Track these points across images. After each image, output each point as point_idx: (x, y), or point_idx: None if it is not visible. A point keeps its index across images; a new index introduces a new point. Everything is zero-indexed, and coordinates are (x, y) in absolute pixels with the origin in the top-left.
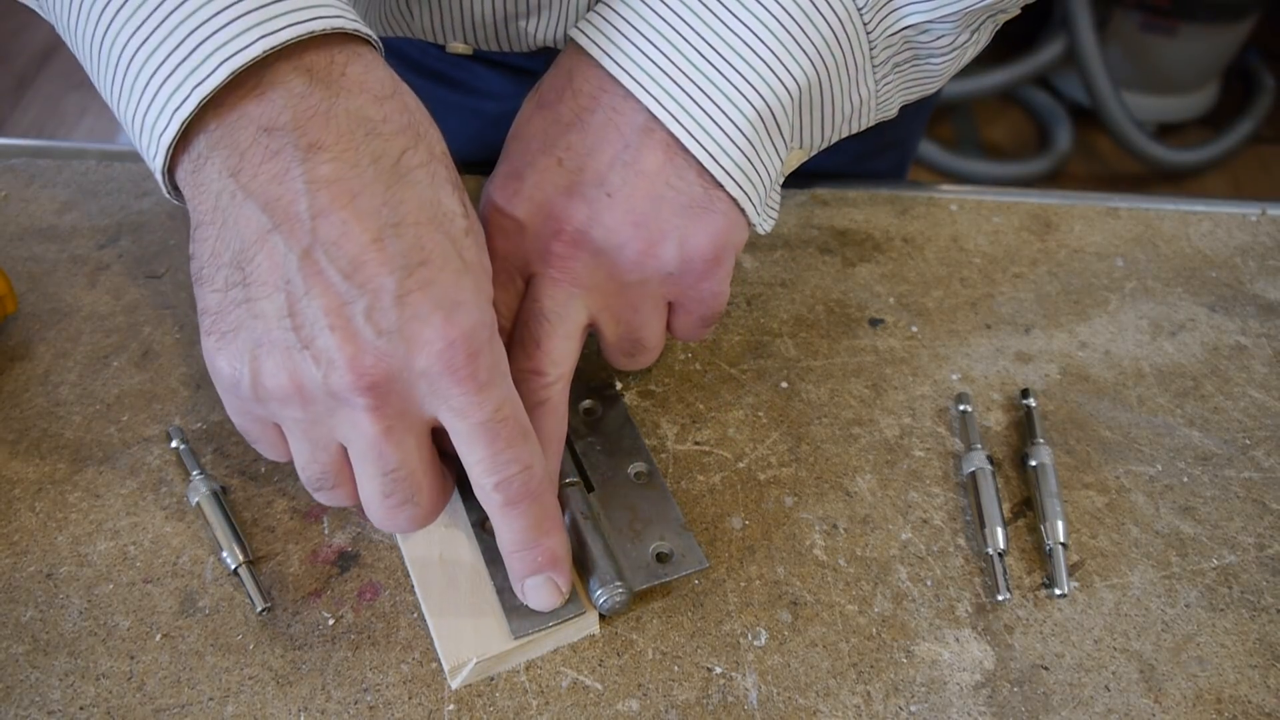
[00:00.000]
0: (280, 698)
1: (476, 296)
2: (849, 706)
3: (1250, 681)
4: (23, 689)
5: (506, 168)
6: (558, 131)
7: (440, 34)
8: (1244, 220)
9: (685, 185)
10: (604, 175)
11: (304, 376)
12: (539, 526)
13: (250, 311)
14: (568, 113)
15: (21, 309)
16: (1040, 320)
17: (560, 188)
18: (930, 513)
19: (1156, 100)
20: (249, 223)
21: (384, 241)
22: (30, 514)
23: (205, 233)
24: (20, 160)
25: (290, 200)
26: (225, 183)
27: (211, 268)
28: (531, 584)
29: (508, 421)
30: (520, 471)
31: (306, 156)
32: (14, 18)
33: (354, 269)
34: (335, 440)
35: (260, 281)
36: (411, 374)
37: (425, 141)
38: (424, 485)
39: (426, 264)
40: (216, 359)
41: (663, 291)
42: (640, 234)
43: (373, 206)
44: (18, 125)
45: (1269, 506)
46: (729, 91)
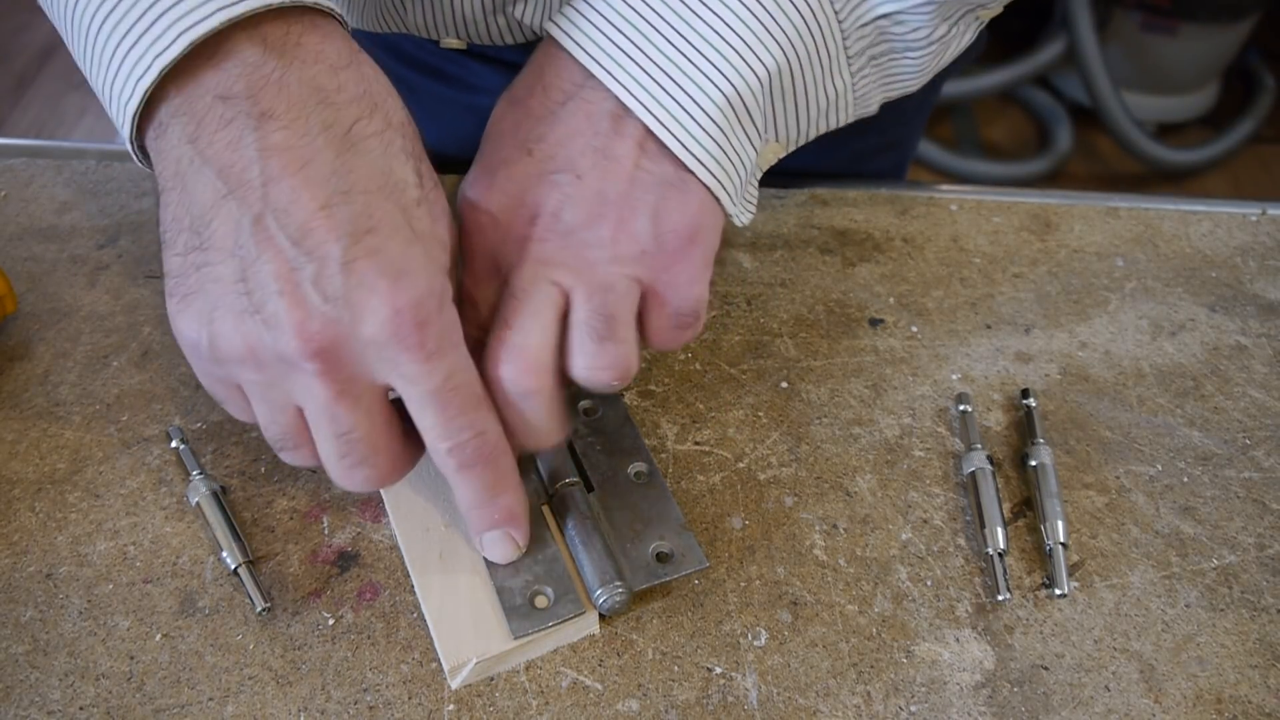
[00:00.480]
0: (280, 698)
1: (426, 265)
2: (849, 706)
3: (1250, 682)
4: (22, 689)
5: (480, 165)
6: (529, 125)
7: (433, 29)
8: (1244, 220)
9: (658, 168)
10: (575, 161)
11: (256, 340)
12: (493, 488)
13: (208, 275)
14: (538, 106)
15: (21, 309)
16: (1040, 320)
17: (531, 177)
18: (930, 513)
19: (1157, 100)
20: (206, 188)
21: (332, 209)
22: (30, 514)
23: (168, 198)
24: (20, 160)
25: (243, 167)
26: (184, 149)
27: (173, 232)
28: (489, 538)
29: (459, 389)
30: (473, 437)
31: (259, 124)
32: (14, 18)
33: (302, 235)
34: (292, 402)
35: (216, 246)
36: (359, 341)
37: (381, 111)
38: (380, 447)
39: (374, 231)
40: (178, 321)
41: (637, 272)
42: (612, 211)
43: (322, 174)
44: (17, 125)
45: (1269, 506)
46: (697, 79)
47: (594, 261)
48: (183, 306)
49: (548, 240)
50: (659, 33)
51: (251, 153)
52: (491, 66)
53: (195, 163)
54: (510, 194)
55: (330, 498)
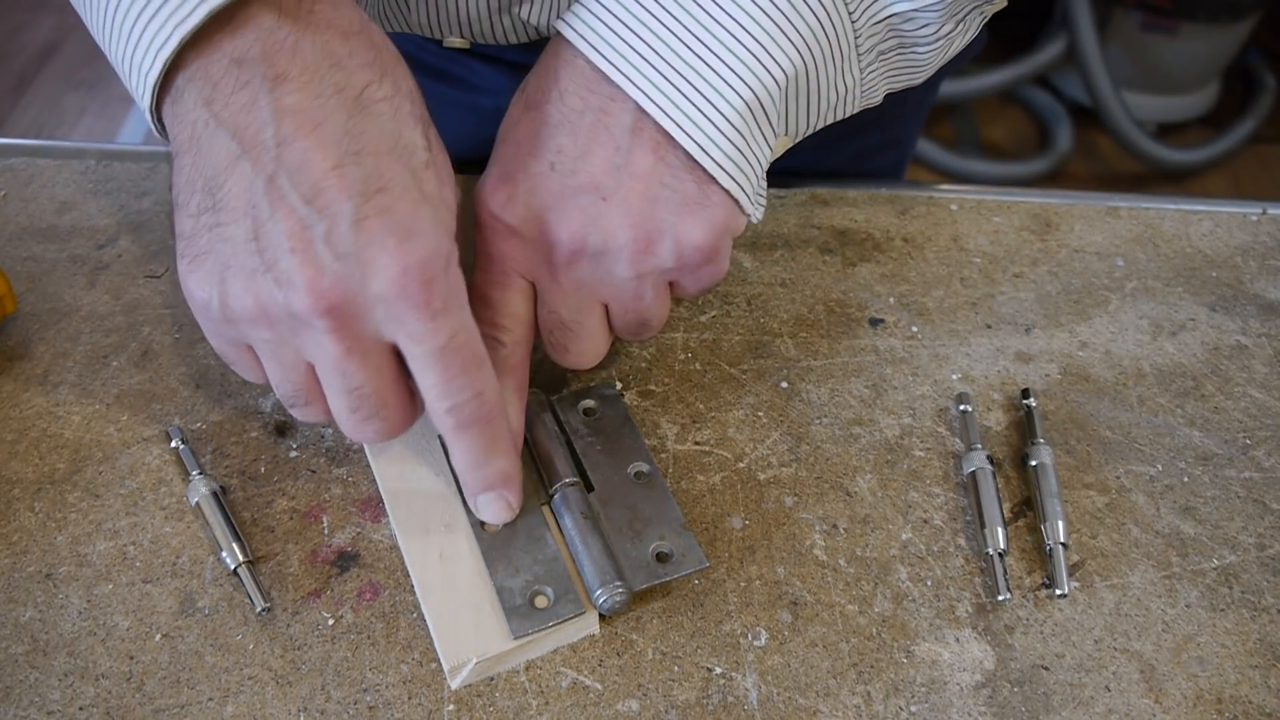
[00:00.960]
0: (280, 698)
1: (434, 226)
2: (849, 707)
3: (1251, 682)
4: (22, 689)
5: (498, 170)
6: (547, 134)
7: (437, 28)
8: (1244, 220)
9: (679, 183)
10: (598, 180)
11: (267, 298)
12: (489, 449)
13: (219, 236)
14: (556, 114)
15: (21, 309)
16: (1040, 320)
17: (554, 194)
18: (930, 513)
19: (1157, 100)
20: (220, 150)
21: (344, 168)
22: (30, 514)
23: (182, 161)
24: (20, 160)
25: (257, 129)
26: (200, 112)
27: (186, 194)
28: (483, 499)
29: (462, 349)
30: (472, 397)
31: (273, 87)
32: (14, 17)
33: (315, 194)
34: (303, 360)
35: (229, 207)
36: (367, 298)
37: (391, 76)
38: (389, 401)
39: (384, 191)
40: (189, 281)
41: (663, 277)
42: (637, 234)
43: (334, 135)
44: (17, 125)
45: (1269, 506)
46: (716, 83)
47: (624, 280)
48: (193, 267)
49: (579, 265)
50: (677, 36)
51: (266, 114)
52: (494, 66)
53: (210, 125)
54: (533, 209)
55: (330, 498)
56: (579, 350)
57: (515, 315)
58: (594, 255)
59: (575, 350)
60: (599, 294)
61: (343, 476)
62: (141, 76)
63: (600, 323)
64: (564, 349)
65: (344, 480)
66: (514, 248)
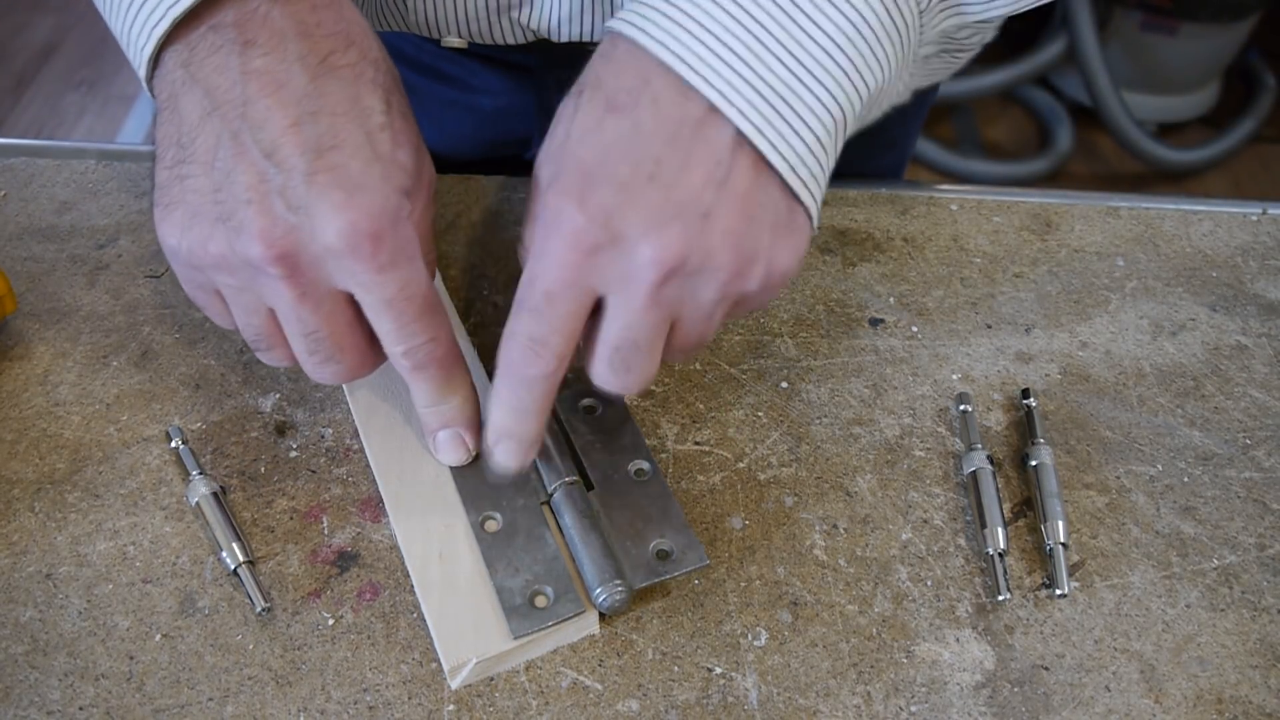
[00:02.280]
0: (280, 698)
1: (383, 184)
2: (849, 707)
3: (1251, 682)
4: (22, 689)
5: (583, 176)
6: (642, 142)
7: (435, 28)
8: (1245, 220)
9: (772, 203)
10: (700, 195)
11: (226, 246)
12: (444, 388)
13: (189, 186)
14: (650, 121)
15: (21, 309)
16: (1041, 320)
17: (654, 207)
18: (930, 513)
19: (1157, 100)
20: (194, 106)
21: (301, 126)
22: (30, 514)
23: (162, 118)
24: (20, 160)
25: (227, 87)
26: (178, 72)
27: (163, 147)
28: (441, 437)
29: (413, 300)
30: (426, 341)
31: (243, 51)
32: (14, 17)
33: (273, 149)
34: (264, 305)
35: (198, 159)
36: (318, 249)
37: (357, 46)
38: (345, 345)
39: (337, 149)
40: (161, 228)
41: (737, 300)
42: (735, 257)
43: (294, 96)
44: (17, 124)
45: (1270, 506)
46: (811, 103)
47: (705, 302)
48: (165, 214)
49: (669, 284)
50: (770, 50)
51: (235, 75)
52: (492, 68)
53: (187, 83)
54: (629, 221)
55: (330, 498)
56: (643, 371)
57: (571, 332)
58: (688, 276)
59: (639, 371)
60: (675, 313)
61: (343, 476)
62: (138, 51)
63: (664, 342)
64: (627, 370)
65: (344, 480)
66: (597, 261)
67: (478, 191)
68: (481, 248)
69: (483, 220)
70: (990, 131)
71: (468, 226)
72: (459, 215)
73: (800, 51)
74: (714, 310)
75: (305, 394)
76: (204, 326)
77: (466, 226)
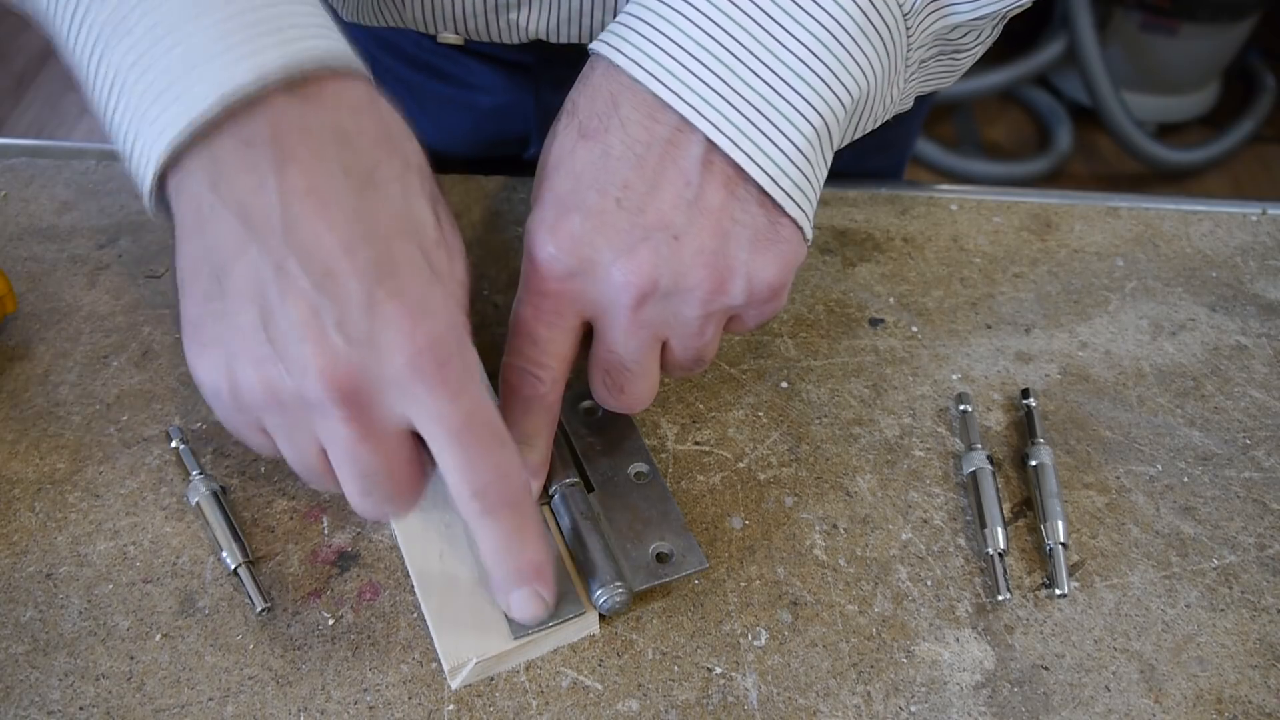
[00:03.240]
0: (280, 698)
1: (446, 304)
2: (849, 707)
3: (1251, 682)
4: (22, 689)
5: (555, 205)
6: (610, 166)
7: (431, 24)
8: (1244, 220)
9: (750, 218)
10: (668, 217)
11: (279, 386)
12: (519, 534)
13: (228, 325)
14: (618, 145)
15: (21, 309)
16: (1040, 320)
17: (622, 233)
18: (930, 513)
19: (1157, 100)
20: (227, 233)
21: (355, 251)
22: (30, 514)
23: (186, 246)
24: (20, 160)
25: (266, 211)
26: (205, 194)
27: (192, 278)
28: (517, 597)
29: (484, 427)
30: (497, 479)
31: (281, 167)
32: (14, 17)
33: (325, 278)
34: (317, 443)
35: (237, 293)
36: (383, 381)
37: (401, 154)
38: (402, 483)
39: (396, 274)
40: (198, 370)
41: (728, 314)
42: (710, 274)
43: (344, 217)
44: (17, 125)
45: (1269, 506)
46: (788, 112)
47: (690, 319)
48: (201, 355)
49: (647, 307)
50: (743, 63)
51: (273, 197)
52: (489, 65)
53: (216, 207)
54: (598, 248)
55: (330, 498)
56: (636, 392)
57: (560, 355)
58: (664, 296)
59: (632, 391)
60: (661, 333)
61: None
62: (146, 158)
63: (657, 361)
64: (620, 390)
65: None
66: (574, 287)
67: (478, 191)
68: (482, 247)
69: (483, 220)
70: (990, 131)
71: (468, 226)
72: (459, 215)
73: (774, 61)
74: (702, 327)
75: None
76: None
77: (467, 226)
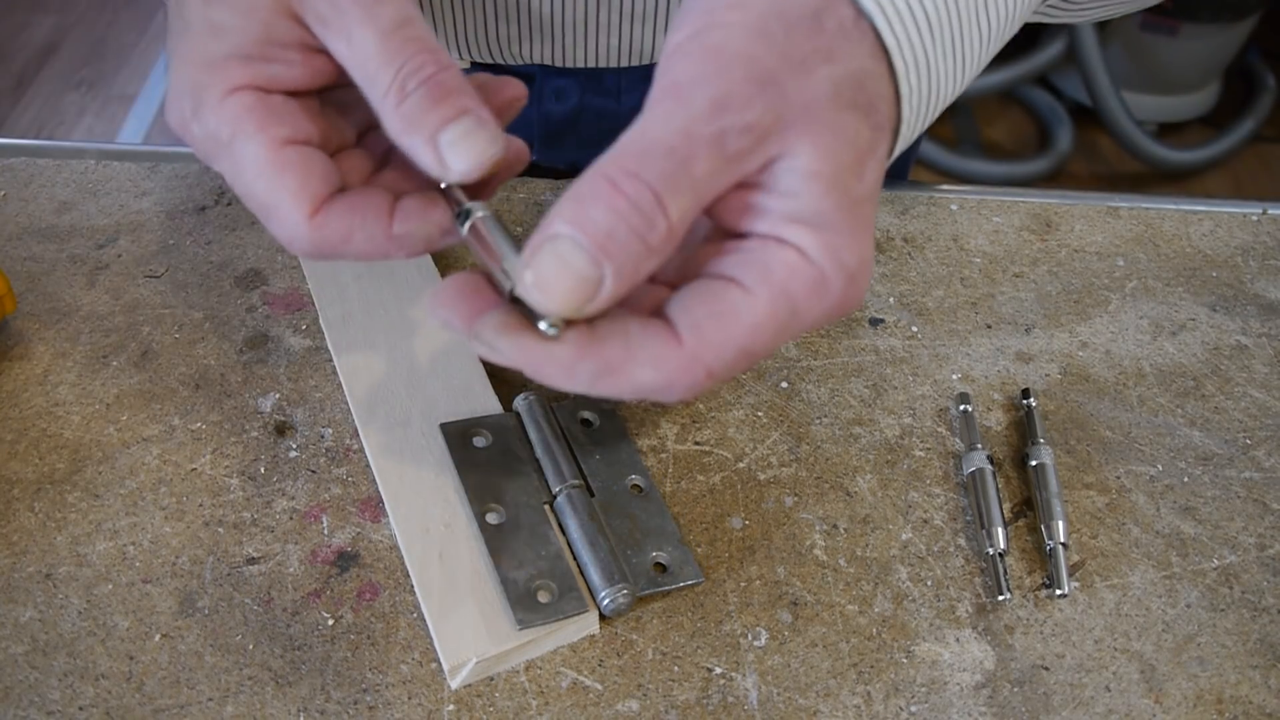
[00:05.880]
0: (280, 698)
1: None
2: (849, 707)
3: (1251, 682)
4: (22, 689)
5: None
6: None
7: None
8: (1245, 220)
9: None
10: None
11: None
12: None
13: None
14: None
15: (20, 309)
16: (1041, 320)
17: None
18: (931, 513)
19: (1157, 100)
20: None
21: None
22: (29, 514)
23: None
24: (19, 160)
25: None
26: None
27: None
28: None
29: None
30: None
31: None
32: (14, 17)
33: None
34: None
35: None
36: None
37: None
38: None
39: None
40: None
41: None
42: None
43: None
44: (17, 124)
45: (1270, 507)
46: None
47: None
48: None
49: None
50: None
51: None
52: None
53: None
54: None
55: (330, 498)
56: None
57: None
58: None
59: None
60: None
61: (343, 476)
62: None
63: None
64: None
65: (344, 480)
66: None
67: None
68: None
69: None
70: (990, 131)
71: None
72: None
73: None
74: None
75: (305, 394)
76: (204, 326)
77: None
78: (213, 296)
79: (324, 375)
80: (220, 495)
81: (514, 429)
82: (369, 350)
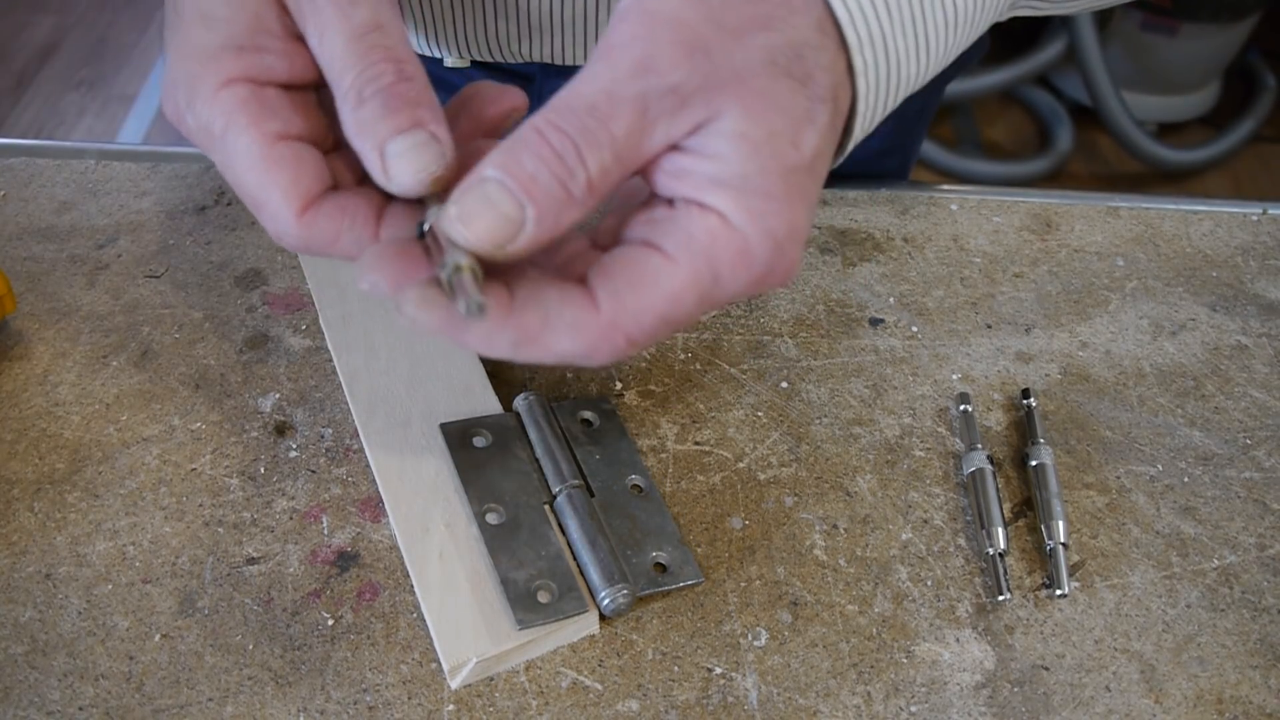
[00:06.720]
0: (279, 698)
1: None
2: (849, 707)
3: (1251, 682)
4: (21, 689)
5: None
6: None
7: (438, 50)
8: (1245, 220)
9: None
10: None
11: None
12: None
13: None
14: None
15: (20, 309)
16: (1041, 320)
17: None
18: (930, 513)
19: (1157, 100)
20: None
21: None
22: (29, 514)
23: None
24: (19, 160)
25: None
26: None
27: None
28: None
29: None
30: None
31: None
32: (14, 17)
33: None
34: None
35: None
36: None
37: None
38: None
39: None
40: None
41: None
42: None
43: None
44: (16, 124)
45: (1270, 507)
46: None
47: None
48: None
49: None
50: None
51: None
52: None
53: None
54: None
55: (330, 498)
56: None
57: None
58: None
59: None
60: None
61: (343, 476)
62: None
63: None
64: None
65: (344, 480)
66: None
67: None
68: None
69: None
70: (990, 131)
71: None
72: None
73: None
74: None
75: (305, 394)
76: (204, 326)
77: None
78: (213, 296)
79: (324, 375)
80: (220, 495)
81: (514, 429)
82: (369, 350)
